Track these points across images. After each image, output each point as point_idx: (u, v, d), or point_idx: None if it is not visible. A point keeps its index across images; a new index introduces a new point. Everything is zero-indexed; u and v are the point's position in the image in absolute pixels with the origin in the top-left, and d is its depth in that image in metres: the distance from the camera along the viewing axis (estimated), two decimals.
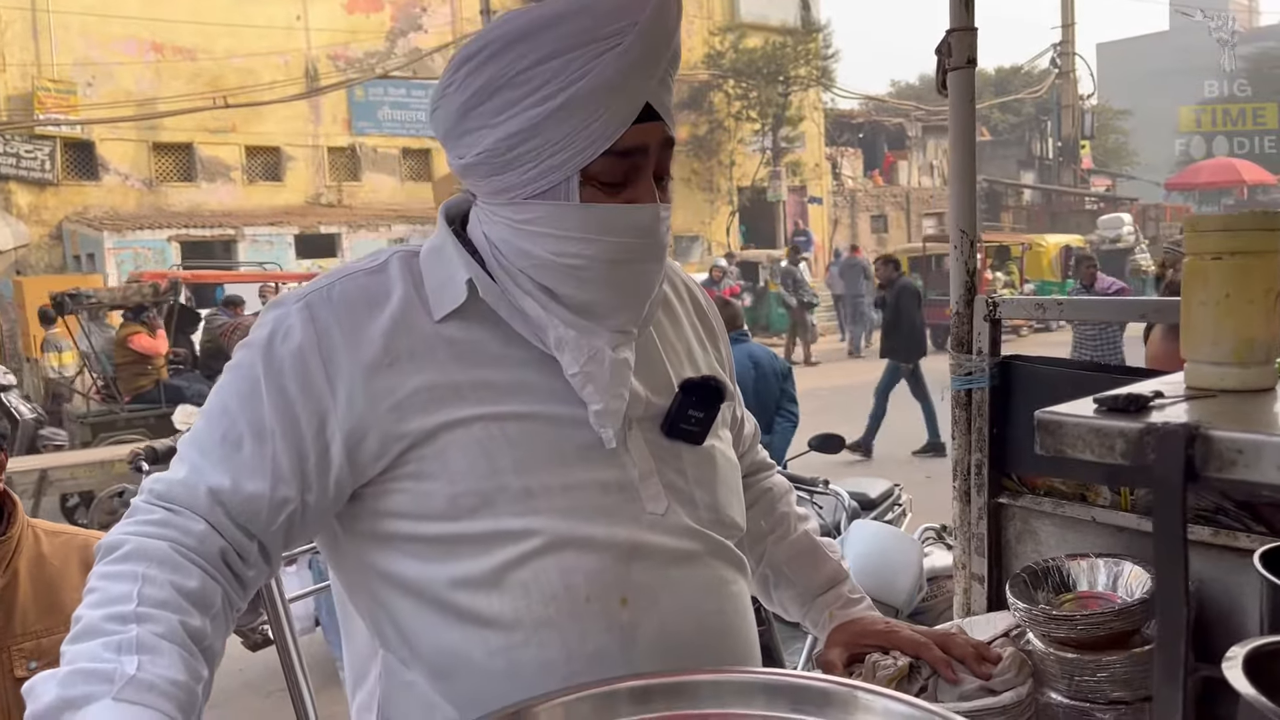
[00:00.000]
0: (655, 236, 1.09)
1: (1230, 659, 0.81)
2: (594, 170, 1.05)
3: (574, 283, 1.08)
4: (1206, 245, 0.86)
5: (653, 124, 1.07)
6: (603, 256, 1.07)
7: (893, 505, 4.93)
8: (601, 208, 1.06)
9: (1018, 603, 1.51)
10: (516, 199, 1.08)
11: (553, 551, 1.07)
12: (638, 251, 1.08)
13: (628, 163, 1.06)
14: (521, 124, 1.04)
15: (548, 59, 1.02)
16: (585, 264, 1.07)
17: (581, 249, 1.06)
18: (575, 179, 1.06)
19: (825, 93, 30.64)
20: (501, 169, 1.07)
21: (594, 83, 1.01)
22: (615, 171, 1.06)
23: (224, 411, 1.08)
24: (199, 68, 21.31)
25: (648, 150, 1.07)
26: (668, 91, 1.09)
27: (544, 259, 1.08)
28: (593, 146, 1.04)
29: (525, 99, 1.03)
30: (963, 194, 1.80)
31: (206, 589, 1.00)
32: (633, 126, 1.04)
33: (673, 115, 1.12)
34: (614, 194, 1.07)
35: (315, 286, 1.13)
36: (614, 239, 1.07)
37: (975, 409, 1.80)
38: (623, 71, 1.01)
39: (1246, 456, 0.71)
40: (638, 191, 1.07)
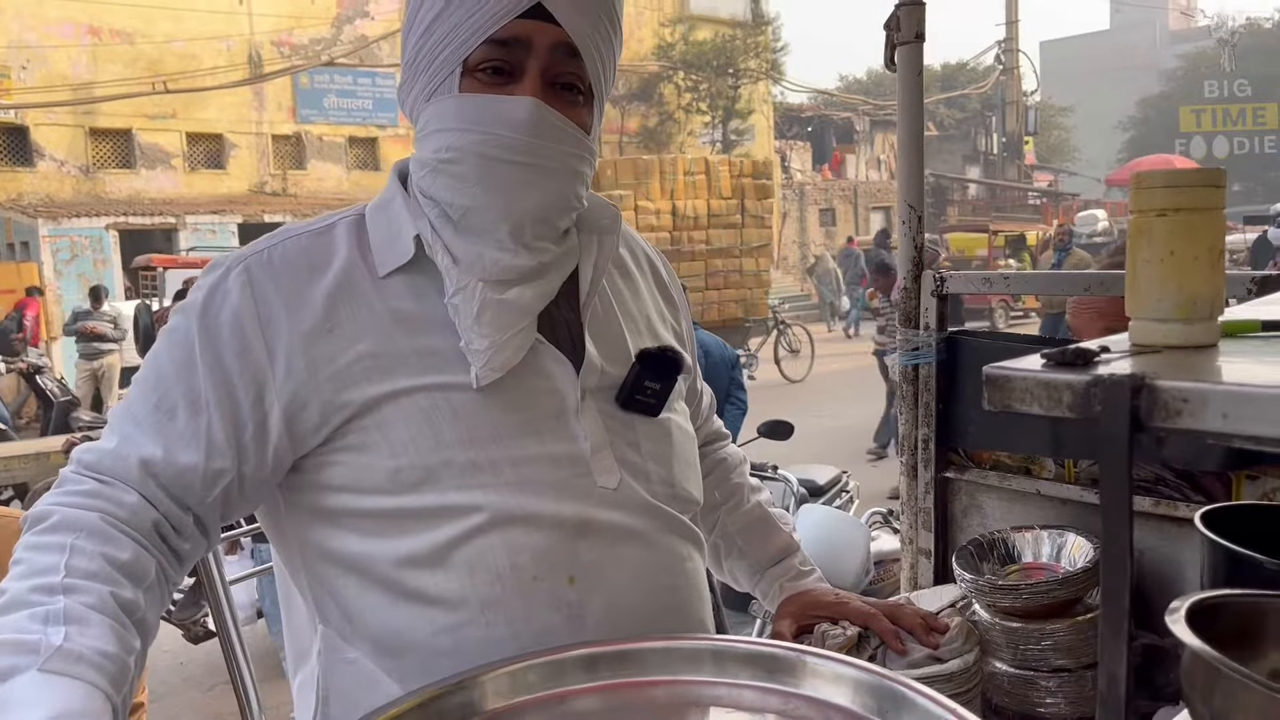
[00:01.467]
0: (533, 136, 1.04)
1: (1173, 612, 0.81)
2: (474, 59, 1.04)
3: (450, 184, 1.05)
4: (1152, 202, 0.86)
5: (545, 24, 1.04)
6: (473, 148, 1.03)
7: (840, 491, 4.98)
8: (475, 96, 1.04)
9: (964, 574, 1.53)
10: (419, 108, 1.08)
11: (498, 528, 1.05)
12: (511, 147, 1.03)
13: (508, 53, 1.04)
14: (422, 27, 1.05)
15: None
16: (457, 156, 1.04)
17: (454, 140, 1.04)
18: (458, 71, 1.05)
19: (774, 86, 30.81)
20: (414, 77, 1.08)
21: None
22: (494, 61, 1.04)
23: (158, 379, 1.05)
24: (138, 52, 20.80)
25: (531, 44, 1.04)
26: (578, 6, 1.05)
27: (430, 161, 1.06)
28: (473, 38, 1.03)
29: (429, 7, 1.05)
30: (911, 171, 1.81)
31: (139, 560, 0.97)
32: (518, 20, 1.03)
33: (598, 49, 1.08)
34: (495, 87, 1.05)
35: (255, 249, 1.10)
36: (485, 129, 1.03)
37: (922, 384, 1.81)
38: None
39: (1192, 405, 0.71)
40: (519, 87, 1.05)
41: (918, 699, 0.89)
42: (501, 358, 1.05)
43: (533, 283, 1.08)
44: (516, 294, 1.06)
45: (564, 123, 1.06)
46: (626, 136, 26.97)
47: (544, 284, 1.10)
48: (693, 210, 13.53)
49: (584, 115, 1.09)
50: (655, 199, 13.12)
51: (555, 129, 1.05)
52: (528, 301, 1.08)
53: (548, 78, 1.06)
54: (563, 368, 1.11)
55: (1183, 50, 50.50)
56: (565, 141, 1.06)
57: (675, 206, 13.36)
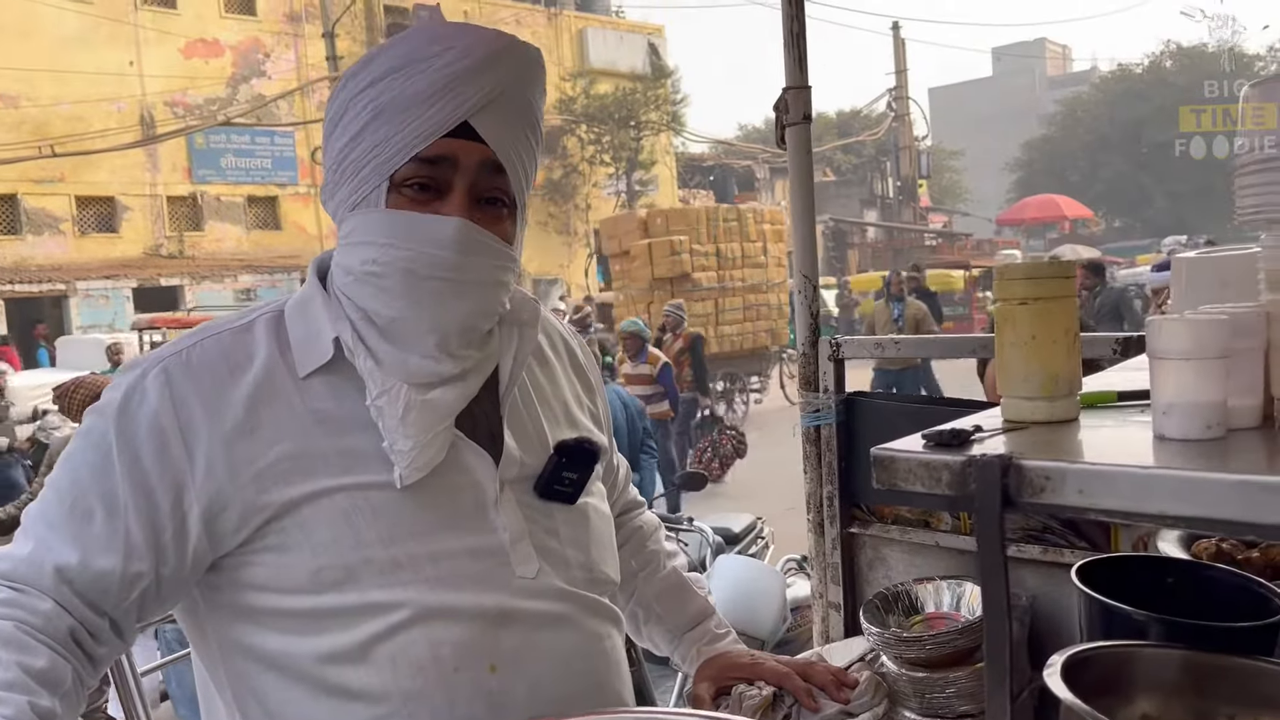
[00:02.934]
0: (460, 253, 1.05)
1: (1050, 667, 0.89)
2: (401, 176, 1.06)
3: (377, 293, 1.07)
4: (1014, 292, 0.95)
5: (471, 143, 1.06)
6: (400, 264, 1.05)
7: (756, 538, 5.04)
8: (403, 213, 1.06)
9: (871, 628, 1.60)
10: (343, 215, 1.10)
11: (420, 623, 1.06)
12: (438, 265, 1.05)
13: (435, 171, 1.06)
14: (349, 136, 1.08)
15: (379, 79, 1.06)
16: (383, 270, 1.06)
17: (380, 254, 1.06)
18: (384, 186, 1.07)
19: (676, 137, 31.34)
20: (336, 186, 1.10)
21: (408, 92, 1.04)
22: (421, 178, 1.06)
23: (74, 482, 1.04)
24: (22, 115, 20.17)
25: (457, 163, 1.07)
26: (503, 121, 1.08)
27: (355, 270, 1.08)
28: (400, 153, 1.05)
29: (357, 115, 1.07)
30: (804, 241, 1.90)
31: (56, 668, 0.97)
32: (445, 139, 1.05)
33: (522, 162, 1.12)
34: (421, 204, 1.07)
35: (174, 348, 1.10)
36: (412, 247, 1.05)
37: (824, 444, 1.89)
38: (433, 85, 1.04)
39: (1053, 483, 0.79)
40: (446, 205, 1.07)
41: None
42: (425, 457, 1.07)
43: (453, 385, 1.10)
44: (439, 394, 1.09)
45: (489, 239, 1.09)
46: (532, 189, 27.08)
47: (466, 386, 1.12)
48: (731, 252, 15.34)
49: (508, 227, 1.12)
50: (704, 243, 14.97)
51: (481, 245, 1.08)
52: (450, 401, 1.10)
53: (473, 194, 1.08)
54: (482, 461, 1.13)
55: (1060, 95, 53.07)
56: (490, 256, 1.09)
57: (719, 249, 15.19)
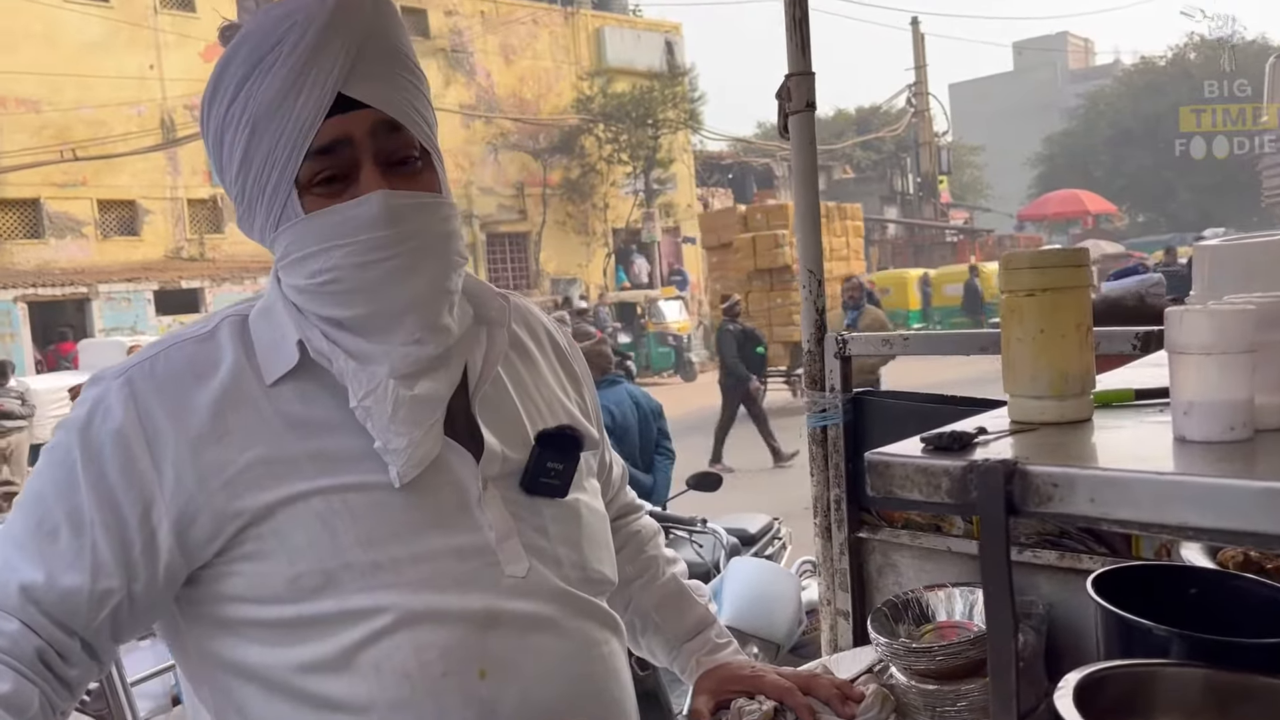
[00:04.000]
0: (395, 225, 1.01)
1: (1061, 689, 0.82)
2: (305, 177, 1.02)
3: (339, 301, 1.03)
4: (1020, 283, 0.88)
5: (355, 113, 1.01)
6: (346, 262, 1.01)
7: (772, 539, 4.97)
8: (324, 212, 1.01)
9: (879, 638, 1.53)
10: (270, 237, 1.06)
11: (404, 628, 1.02)
12: (381, 245, 1.01)
13: (335, 160, 1.02)
14: (238, 161, 1.03)
15: (237, 94, 1.01)
16: (333, 276, 1.01)
17: (323, 262, 1.02)
18: (294, 194, 1.02)
19: (694, 135, 31.26)
20: (252, 213, 1.06)
21: (269, 93, 0.99)
22: (325, 171, 1.02)
23: (38, 500, 1.01)
24: (44, 120, 20.34)
25: (352, 140, 1.02)
26: (377, 77, 1.02)
27: (305, 286, 1.04)
28: (293, 156, 1.00)
29: (235, 136, 1.02)
30: (808, 235, 1.84)
31: (20, 692, 0.94)
32: (329, 120, 1.00)
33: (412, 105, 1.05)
34: (337, 195, 1.02)
35: (138, 359, 1.06)
36: (348, 240, 1.01)
37: (831, 445, 1.82)
38: (292, 72, 0.99)
39: (1061, 490, 0.72)
40: (359, 186, 1.02)
41: None
42: (421, 452, 1.04)
43: (438, 372, 1.07)
44: (425, 387, 1.05)
45: (416, 197, 1.04)
46: (550, 189, 27.09)
47: (449, 372, 1.08)
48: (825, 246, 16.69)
49: (429, 179, 1.07)
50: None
51: (412, 208, 1.03)
52: (436, 392, 1.06)
53: (380, 161, 1.03)
54: (461, 458, 1.09)
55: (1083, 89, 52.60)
56: (426, 214, 1.05)
57: None
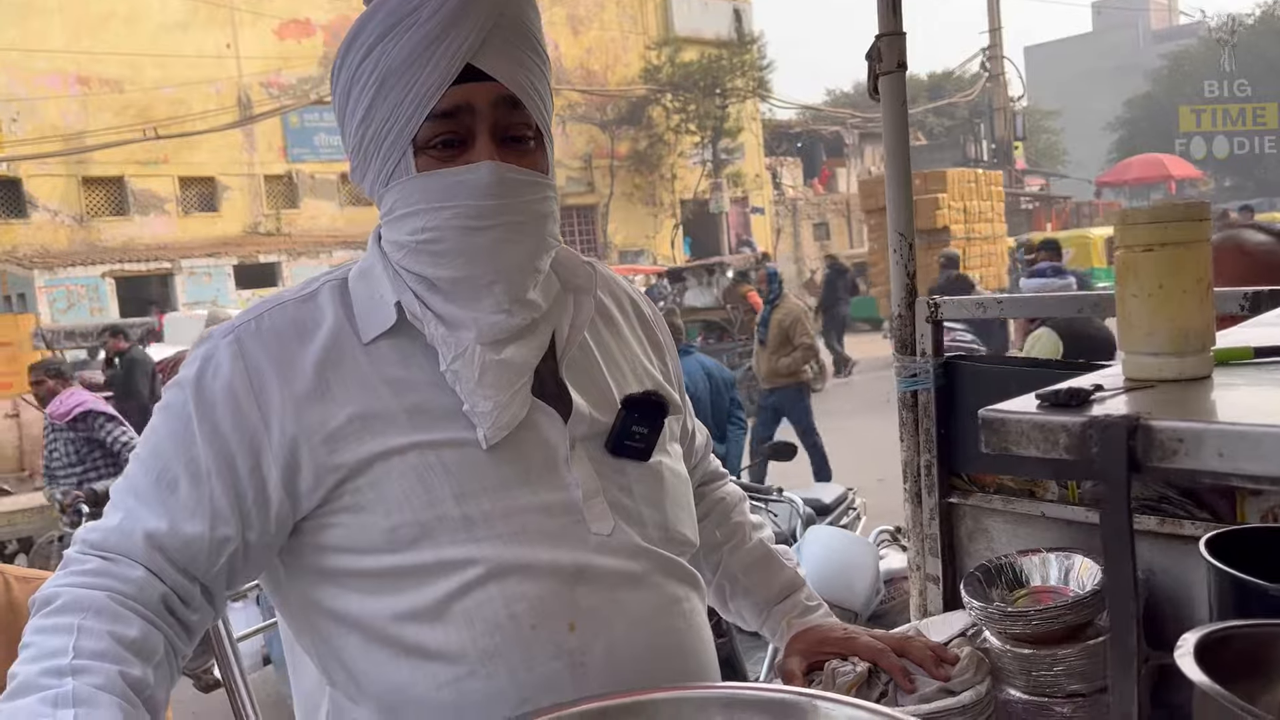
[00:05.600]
0: (501, 197, 1.05)
1: (1181, 647, 0.81)
2: (423, 138, 1.05)
3: (434, 260, 1.06)
4: (1137, 238, 0.86)
5: (480, 84, 1.04)
6: (449, 224, 1.04)
7: (847, 510, 4.96)
8: (436, 174, 1.05)
9: (973, 601, 1.52)
10: (379, 192, 1.09)
11: (495, 580, 1.05)
12: (485, 214, 1.05)
13: (455, 124, 1.05)
14: (362, 112, 1.06)
15: (372, 48, 1.04)
16: (435, 235, 1.05)
17: (428, 220, 1.05)
18: (409, 152, 1.05)
19: (762, 103, 30.98)
20: (365, 166, 1.09)
21: (405, 52, 1.02)
22: (443, 134, 1.05)
23: (156, 453, 1.06)
24: (127, 99, 20.94)
25: (474, 109, 1.05)
26: (505, 54, 1.05)
27: (407, 243, 1.07)
28: (415, 116, 1.04)
29: (363, 89, 1.05)
30: (899, 198, 1.81)
31: (148, 637, 0.98)
32: (454, 87, 1.03)
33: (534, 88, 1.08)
34: (450, 160, 1.05)
35: (243, 319, 1.11)
36: (455, 203, 1.04)
37: (921, 410, 1.81)
38: (427, 38, 1.02)
39: (1187, 445, 0.71)
40: (473, 153, 1.05)
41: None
42: (507, 415, 1.07)
43: (525, 340, 1.10)
44: (512, 352, 1.08)
45: (524, 174, 1.07)
46: (617, 161, 27.06)
47: (535, 339, 1.11)
48: (973, 208, 18.57)
49: (538, 159, 1.10)
50: (956, 200, 18.26)
51: (518, 183, 1.07)
52: (524, 358, 1.09)
53: (496, 134, 1.06)
54: (550, 419, 1.12)
55: (1166, 49, 50.79)
56: (530, 191, 1.08)
57: (965, 206, 18.43)
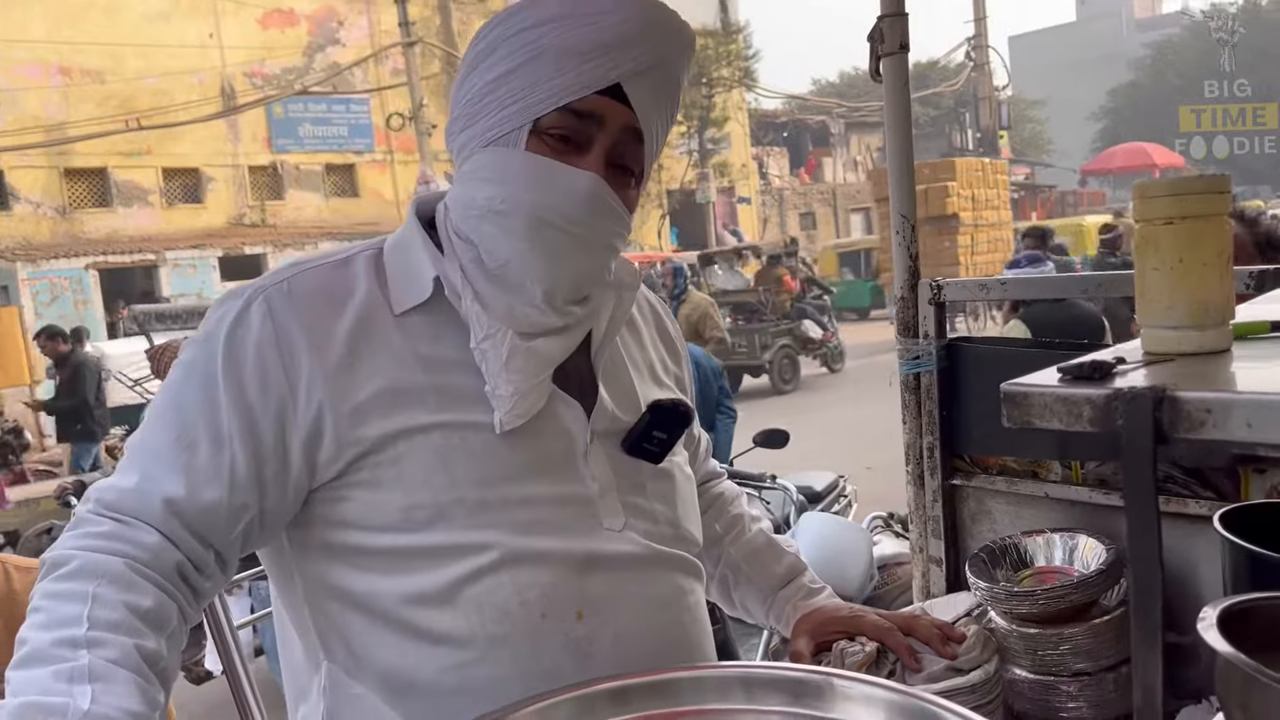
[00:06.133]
0: (589, 210, 1.05)
1: (1204, 619, 0.81)
2: (545, 123, 1.04)
3: (498, 232, 1.05)
4: (1157, 211, 0.86)
5: (620, 105, 1.05)
6: (529, 209, 1.04)
7: (839, 496, 4.98)
8: (541, 159, 1.05)
9: (978, 582, 1.53)
10: (474, 150, 1.08)
11: (507, 567, 1.04)
12: (566, 217, 1.04)
13: (581, 125, 1.05)
14: (499, 71, 1.05)
15: (542, 23, 1.04)
16: (511, 209, 1.04)
17: (511, 194, 1.04)
18: (526, 128, 1.05)
19: (748, 93, 30.94)
20: (472, 119, 1.08)
21: (570, 41, 1.02)
22: (566, 129, 1.05)
23: (178, 412, 1.02)
24: (109, 90, 20.73)
25: (604, 122, 1.05)
26: (653, 92, 1.07)
27: (479, 205, 1.06)
28: (550, 99, 1.03)
29: (511, 53, 1.05)
30: (901, 179, 1.81)
31: (162, 606, 0.96)
32: (597, 96, 1.03)
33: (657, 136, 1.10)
34: (560, 155, 1.05)
35: (274, 279, 1.08)
36: (545, 194, 1.04)
37: (924, 392, 1.81)
38: (601, 42, 1.02)
39: (1215, 416, 0.71)
40: (584, 160, 1.05)
41: (949, 717, 0.89)
42: (526, 404, 1.06)
43: (558, 336, 1.10)
44: (543, 343, 1.08)
45: (616, 203, 1.07)
46: None
47: (569, 338, 1.11)
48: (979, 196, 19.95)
49: (631, 197, 1.11)
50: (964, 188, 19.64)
51: (608, 208, 1.06)
52: (553, 352, 1.09)
53: (610, 157, 1.06)
54: (573, 411, 1.12)
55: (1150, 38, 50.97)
56: (613, 219, 1.08)
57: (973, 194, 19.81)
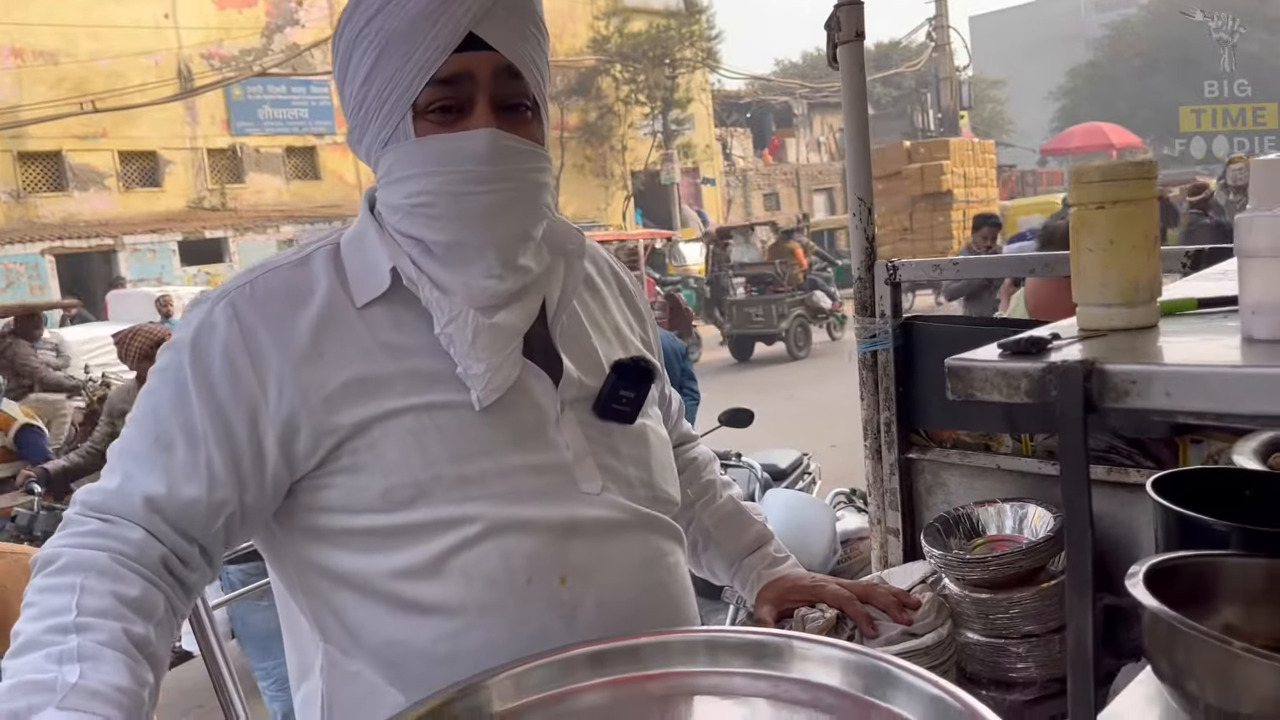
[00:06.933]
0: (497, 163, 1.07)
1: (1133, 576, 0.87)
2: (423, 102, 1.07)
3: (428, 224, 1.09)
4: (1091, 195, 0.92)
5: (481, 53, 1.07)
6: (445, 189, 1.07)
7: (803, 474, 5.05)
8: (434, 138, 1.07)
9: (933, 550, 1.59)
10: (376, 155, 1.11)
11: (492, 536, 1.08)
12: (479, 179, 1.07)
13: (455, 91, 1.07)
14: (362, 75, 1.08)
15: (376, 13, 1.06)
16: (431, 199, 1.07)
17: (424, 184, 1.07)
18: (409, 116, 1.07)
19: (712, 74, 30.92)
20: (364, 127, 1.11)
21: (409, 17, 1.04)
22: (442, 100, 1.07)
23: (154, 416, 1.07)
24: (63, 72, 20.33)
25: (474, 76, 1.07)
26: (507, 25, 1.08)
27: (402, 206, 1.10)
28: (416, 80, 1.06)
29: (364, 53, 1.07)
30: (859, 163, 1.86)
31: (148, 596, 1.00)
32: (456, 55, 1.05)
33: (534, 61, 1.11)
34: (449, 126, 1.08)
35: (237, 283, 1.12)
36: (451, 169, 1.07)
37: (881, 369, 1.87)
38: (428, 9, 1.04)
39: (1139, 386, 0.77)
40: (472, 120, 1.08)
41: (903, 675, 0.94)
42: (500, 378, 1.10)
43: (516, 304, 1.13)
44: (504, 317, 1.11)
45: (520, 143, 1.10)
46: (567, 132, 26.88)
47: (527, 304, 1.14)
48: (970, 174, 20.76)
49: (535, 129, 1.13)
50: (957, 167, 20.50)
51: (514, 151, 1.09)
52: (515, 322, 1.12)
53: (495, 103, 1.09)
54: (541, 382, 1.15)
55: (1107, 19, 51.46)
56: (525, 160, 1.11)
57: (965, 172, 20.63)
